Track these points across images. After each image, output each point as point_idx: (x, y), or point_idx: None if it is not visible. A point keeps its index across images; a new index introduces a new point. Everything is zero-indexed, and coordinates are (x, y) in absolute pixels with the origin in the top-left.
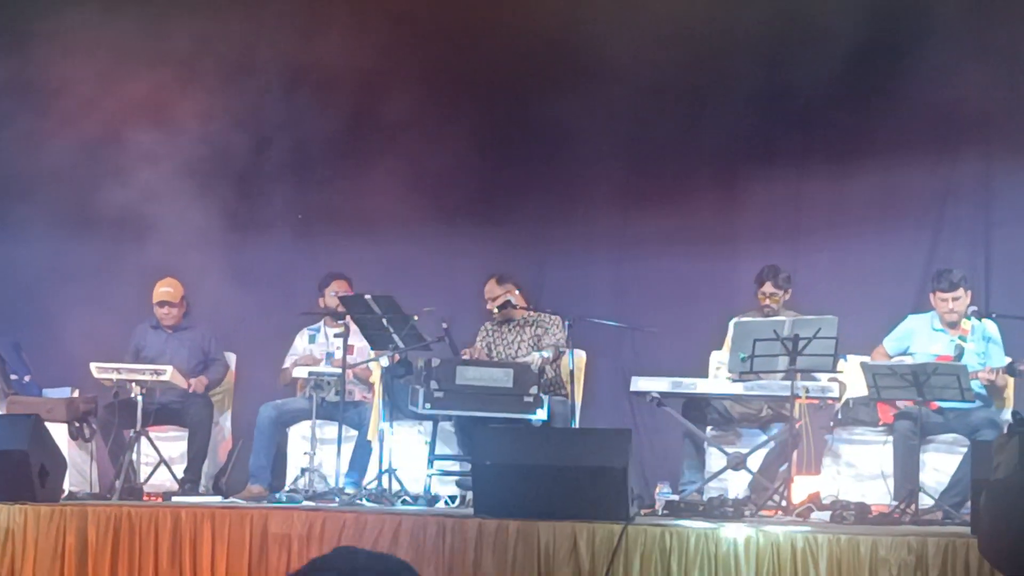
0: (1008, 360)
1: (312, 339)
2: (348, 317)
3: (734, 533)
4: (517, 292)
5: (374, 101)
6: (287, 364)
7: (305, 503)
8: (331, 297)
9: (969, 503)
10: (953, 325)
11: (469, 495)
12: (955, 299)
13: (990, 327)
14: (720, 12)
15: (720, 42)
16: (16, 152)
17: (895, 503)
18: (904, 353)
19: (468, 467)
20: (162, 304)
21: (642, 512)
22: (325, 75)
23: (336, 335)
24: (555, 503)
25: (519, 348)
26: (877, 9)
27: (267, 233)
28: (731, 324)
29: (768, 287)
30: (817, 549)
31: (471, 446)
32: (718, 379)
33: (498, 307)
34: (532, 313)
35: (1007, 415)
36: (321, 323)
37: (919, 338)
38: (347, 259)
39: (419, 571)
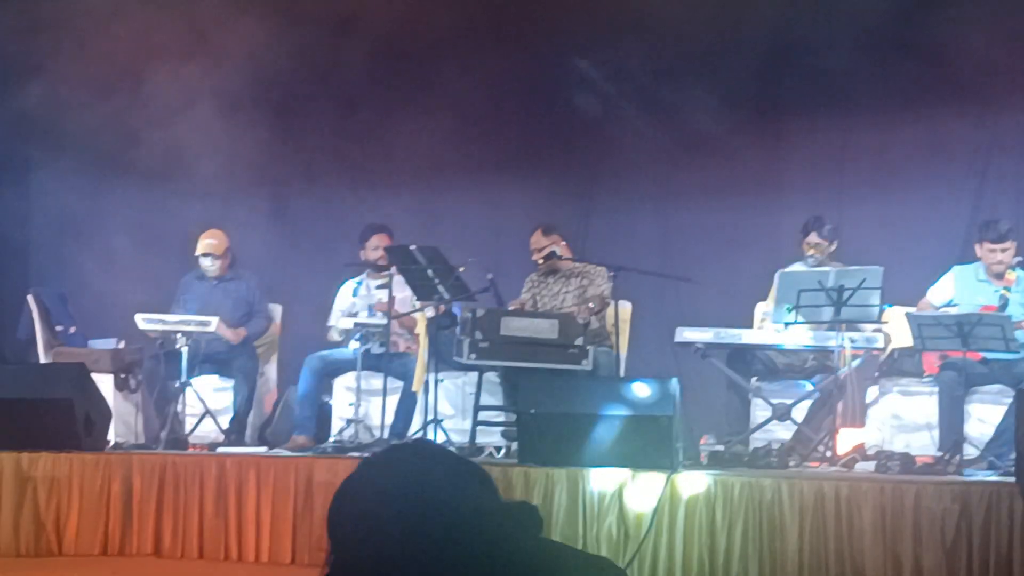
0: None
1: (355, 292)
2: (393, 269)
3: (779, 483)
4: (563, 243)
5: (422, 52)
6: (332, 322)
7: (351, 453)
8: (372, 250)
9: (1014, 454)
10: (999, 276)
11: (514, 445)
12: (1003, 250)
13: None
14: None
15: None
16: (57, 98)
17: (940, 454)
18: (949, 304)
19: (513, 418)
20: (207, 255)
21: (687, 462)
22: (372, 25)
23: (379, 286)
24: (600, 452)
25: (564, 299)
26: None
27: (313, 184)
28: (776, 276)
29: (813, 237)
30: (862, 498)
31: (516, 396)
32: (763, 330)
33: (543, 258)
34: (578, 264)
35: None
36: (364, 275)
37: (964, 289)
38: (391, 210)
39: None
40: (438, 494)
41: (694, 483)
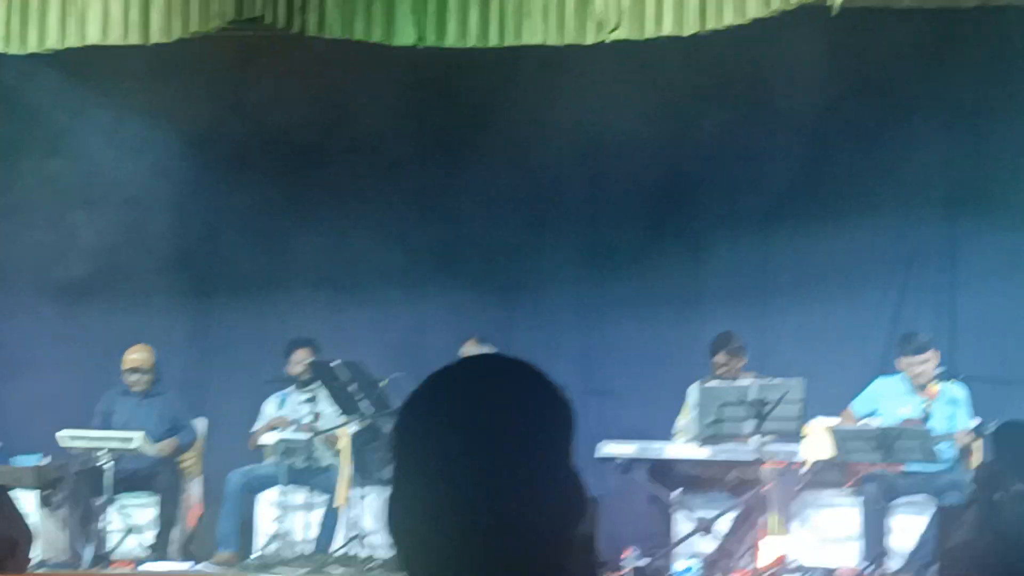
0: (976, 421)
1: (281, 404)
2: (318, 382)
3: None
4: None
5: (341, 159)
6: (256, 427)
7: (275, 568)
8: (296, 364)
9: (937, 566)
10: (922, 388)
11: None
12: (923, 362)
13: (955, 390)
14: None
15: (684, 103)
16: None
17: (863, 565)
18: (872, 415)
19: None
20: (134, 370)
21: None
22: (292, 130)
23: (304, 400)
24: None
25: None
26: (839, 83)
27: (235, 298)
28: (689, 389)
29: (721, 357)
30: None
31: None
32: (685, 443)
33: None
34: None
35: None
36: (290, 388)
37: (887, 401)
38: (314, 323)
39: None
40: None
41: None
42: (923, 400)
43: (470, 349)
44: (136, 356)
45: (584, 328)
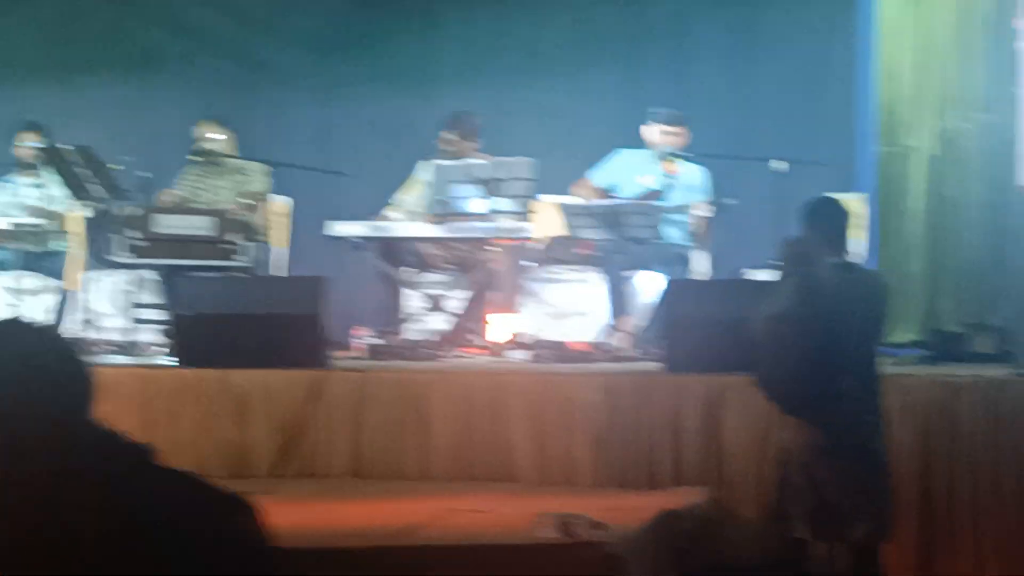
0: (710, 200)
1: (9, 190)
2: (49, 166)
3: (430, 375)
4: (226, 136)
5: None
6: None
7: None
8: (23, 148)
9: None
10: (664, 161)
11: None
12: (675, 134)
13: (693, 168)
14: None
15: None
16: None
17: (597, 338)
18: (613, 188)
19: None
20: None
21: (340, 357)
22: None
23: (33, 185)
24: (252, 351)
25: (222, 195)
26: None
27: None
28: (418, 166)
29: (454, 135)
30: (511, 389)
31: (172, 295)
32: (416, 222)
33: (204, 151)
34: (236, 160)
35: (704, 252)
36: (17, 172)
37: (628, 172)
38: (42, 105)
39: (118, 424)
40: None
41: (345, 379)
42: (664, 175)
43: (207, 129)
44: None
45: (318, 106)
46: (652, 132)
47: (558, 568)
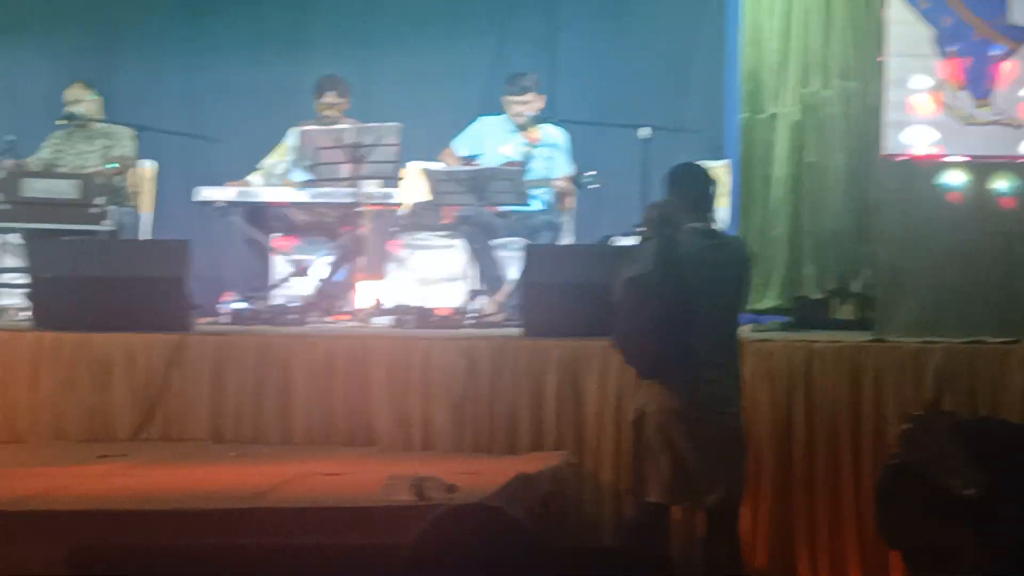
0: (574, 168)
1: None
2: None
3: (291, 339)
4: (94, 100)
5: None
6: None
7: None
8: None
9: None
10: (523, 129)
11: None
12: (525, 103)
13: (556, 134)
14: None
15: None
16: None
17: (458, 306)
18: (475, 156)
19: None
20: None
21: (203, 322)
22: None
23: None
24: (114, 315)
25: (88, 159)
26: None
27: None
28: (288, 132)
29: (323, 100)
30: (373, 353)
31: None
32: (283, 187)
33: (71, 115)
34: (103, 124)
35: (565, 219)
36: None
37: (489, 140)
38: None
39: None
40: None
41: (208, 344)
42: (525, 143)
43: (75, 93)
44: None
45: (188, 70)
46: (507, 103)
47: (409, 530)
